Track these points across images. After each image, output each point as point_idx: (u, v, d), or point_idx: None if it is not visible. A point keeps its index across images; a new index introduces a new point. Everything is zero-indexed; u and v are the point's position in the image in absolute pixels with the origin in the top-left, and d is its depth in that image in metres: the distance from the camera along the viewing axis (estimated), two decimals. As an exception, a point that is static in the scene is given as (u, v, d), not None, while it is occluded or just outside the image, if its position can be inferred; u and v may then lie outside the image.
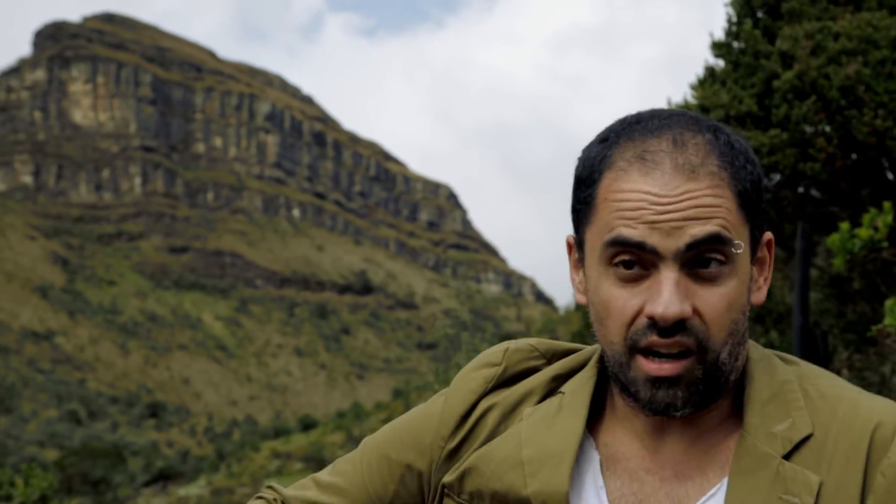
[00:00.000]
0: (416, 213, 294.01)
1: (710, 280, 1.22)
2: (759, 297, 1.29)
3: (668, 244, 1.20)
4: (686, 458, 1.29)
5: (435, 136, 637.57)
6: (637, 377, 1.24)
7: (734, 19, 8.42)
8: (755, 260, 1.29)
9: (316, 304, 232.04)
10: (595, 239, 1.26)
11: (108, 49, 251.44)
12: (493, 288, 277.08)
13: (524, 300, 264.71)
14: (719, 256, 1.21)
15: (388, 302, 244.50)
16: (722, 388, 1.27)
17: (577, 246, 1.33)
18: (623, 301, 1.23)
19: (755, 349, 1.33)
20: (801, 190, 8.09)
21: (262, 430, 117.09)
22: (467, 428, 1.36)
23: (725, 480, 1.26)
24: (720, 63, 8.45)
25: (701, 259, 1.22)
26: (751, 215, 1.26)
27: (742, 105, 7.76)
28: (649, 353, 1.23)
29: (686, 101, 8.39)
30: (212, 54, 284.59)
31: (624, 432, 1.32)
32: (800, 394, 1.29)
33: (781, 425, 1.25)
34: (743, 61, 8.03)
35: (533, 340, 1.42)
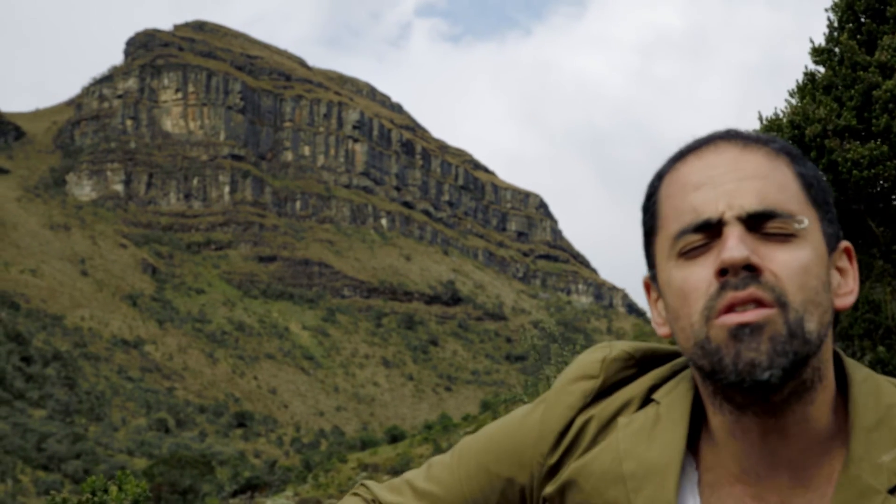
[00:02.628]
0: (506, 222, 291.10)
1: (780, 241, 1.19)
2: (844, 302, 1.24)
3: (729, 212, 1.19)
4: (788, 485, 1.23)
5: (524, 143, 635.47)
6: (718, 341, 1.18)
7: (835, 24, 8.22)
8: (834, 265, 1.25)
9: (403, 315, 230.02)
10: (664, 242, 1.25)
11: (198, 58, 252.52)
12: (583, 299, 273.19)
13: (615, 312, 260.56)
14: (780, 225, 1.19)
15: (476, 313, 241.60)
16: (811, 367, 1.20)
17: (652, 280, 1.32)
18: (695, 275, 1.20)
19: (857, 369, 1.28)
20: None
21: (349, 441, 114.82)
22: (566, 444, 1.33)
23: None
24: (821, 69, 8.20)
25: (766, 223, 1.20)
26: (816, 203, 1.24)
27: (840, 119, 7.57)
28: (728, 311, 1.18)
29: (777, 116, 8.16)
30: (301, 62, 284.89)
31: (720, 452, 1.27)
32: None
33: (888, 455, 1.19)
34: (841, 73, 7.84)
35: (629, 346, 1.38)
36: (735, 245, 1.16)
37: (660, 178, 1.27)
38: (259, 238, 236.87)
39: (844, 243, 1.26)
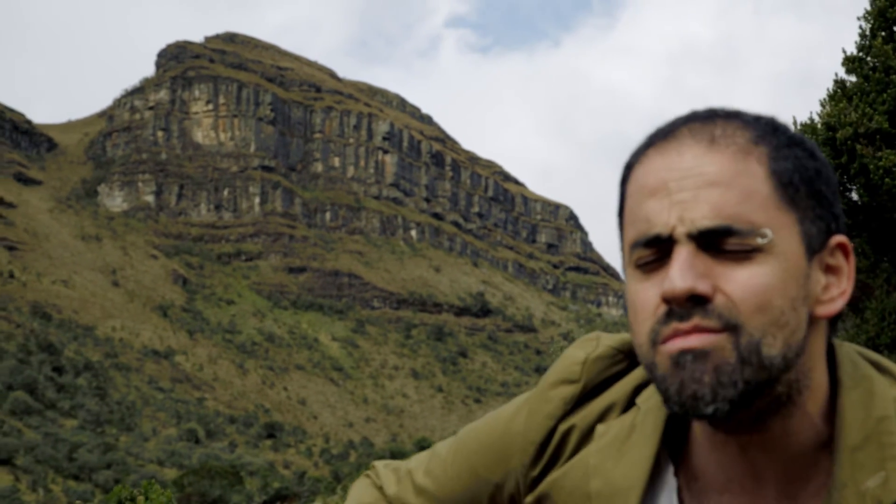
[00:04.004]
0: (535, 234, 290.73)
1: (740, 259, 1.04)
2: (828, 309, 1.09)
3: (680, 227, 1.05)
4: (775, 496, 1.13)
5: (554, 154, 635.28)
6: (663, 369, 1.06)
7: (867, 33, 8.22)
8: (822, 265, 1.09)
9: (433, 326, 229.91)
10: (625, 246, 1.12)
11: (229, 69, 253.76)
12: (613, 311, 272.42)
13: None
14: (738, 243, 1.04)
15: (505, 325, 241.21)
16: (774, 394, 1.07)
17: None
18: (644, 293, 1.08)
19: (851, 372, 1.13)
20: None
21: (379, 452, 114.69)
22: (548, 455, 1.26)
23: None
24: (852, 79, 8.22)
25: (722, 240, 1.04)
26: (796, 202, 1.07)
27: (872, 122, 7.54)
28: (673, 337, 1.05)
29: (811, 120, 8.13)
30: (331, 74, 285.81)
31: (706, 460, 1.16)
32: None
33: (873, 480, 1.07)
34: (874, 78, 7.82)
35: (616, 340, 1.26)
36: (678, 274, 1.04)
37: (628, 169, 1.13)
38: (289, 249, 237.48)
39: (837, 238, 1.10)
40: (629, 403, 1.23)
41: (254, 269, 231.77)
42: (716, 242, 1.04)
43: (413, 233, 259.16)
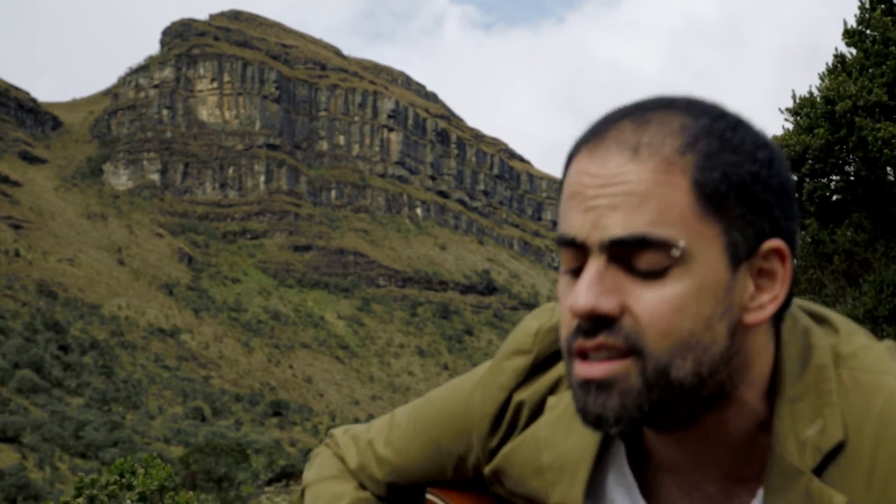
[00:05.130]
0: (541, 211, 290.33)
1: (652, 276, 1.01)
2: (757, 316, 1.05)
3: (593, 235, 1.02)
4: (722, 477, 1.13)
5: (559, 131, 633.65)
6: (573, 382, 1.06)
7: (867, 5, 8.14)
8: (753, 271, 1.05)
9: (438, 304, 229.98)
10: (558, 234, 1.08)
11: (233, 47, 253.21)
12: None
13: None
14: (651, 257, 1.01)
15: (511, 302, 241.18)
16: (689, 407, 1.05)
17: None
18: (565, 298, 1.06)
19: (790, 327, 1.12)
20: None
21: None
22: (503, 427, 1.26)
23: (760, 494, 1.11)
24: (852, 52, 8.17)
25: (635, 253, 1.02)
26: (722, 211, 1.03)
27: (871, 95, 7.50)
28: (582, 355, 1.04)
29: (811, 94, 8.09)
30: (336, 52, 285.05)
31: (653, 440, 1.15)
32: (834, 383, 1.09)
33: (812, 429, 1.07)
34: (873, 50, 7.79)
35: None
36: (583, 290, 1.02)
37: (568, 161, 1.09)
38: (294, 227, 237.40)
39: (770, 244, 1.05)
40: None
41: (259, 248, 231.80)
42: (629, 256, 1.01)
43: (418, 211, 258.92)
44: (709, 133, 1.04)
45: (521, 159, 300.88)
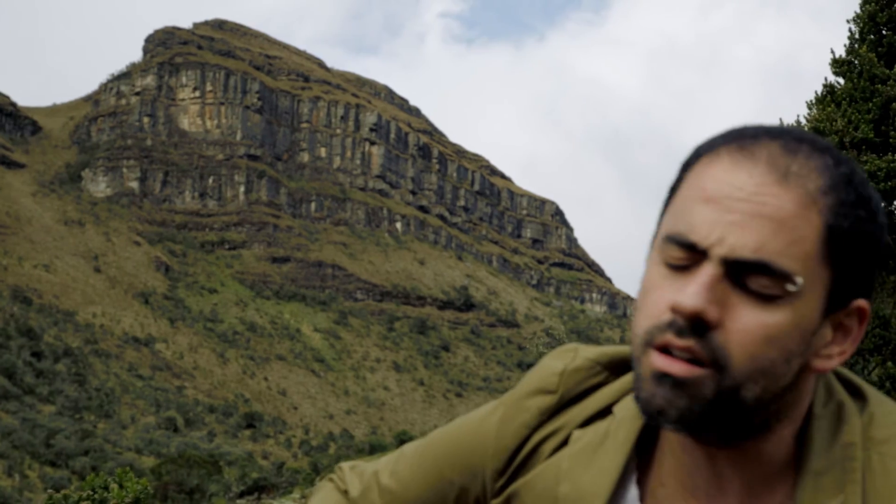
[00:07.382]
0: (521, 229, 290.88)
1: (756, 299, 1.03)
2: (824, 364, 1.09)
3: (719, 247, 1.03)
4: None
5: (540, 148, 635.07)
6: (644, 372, 1.08)
7: (856, 35, 8.18)
8: (835, 323, 1.08)
9: (416, 319, 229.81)
10: (660, 234, 1.10)
11: (216, 56, 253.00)
12: (597, 308, 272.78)
13: (629, 321, 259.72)
14: (766, 283, 1.03)
15: (489, 319, 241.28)
16: (741, 428, 1.08)
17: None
18: (660, 291, 1.08)
19: (823, 398, 1.14)
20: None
21: (358, 444, 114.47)
22: (519, 461, 1.27)
23: None
24: (840, 81, 8.22)
25: (752, 275, 1.03)
26: (837, 261, 1.05)
27: (858, 132, 7.56)
28: (663, 350, 1.06)
29: (798, 123, 7.96)
30: (320, 63, 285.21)
31: (674, 463, 1.17)
32: (860, 462, 1.10)
33: (832, 502, 1.08)
34: (860, 86, 7.82)
35: (595, 353, 1.27)
36: (694, 292, 1.03)
37: (696, 156, 1.10)
38: (273, 239, 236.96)
39: (859, 302, 1.09)
40: (605, 412, 1.24)
41: (237, 258, 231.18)
42: (744, 274, 1.03)
43: (398, 225, 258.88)
44: (848, 182, 1.05)
45: (503, 176, 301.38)
